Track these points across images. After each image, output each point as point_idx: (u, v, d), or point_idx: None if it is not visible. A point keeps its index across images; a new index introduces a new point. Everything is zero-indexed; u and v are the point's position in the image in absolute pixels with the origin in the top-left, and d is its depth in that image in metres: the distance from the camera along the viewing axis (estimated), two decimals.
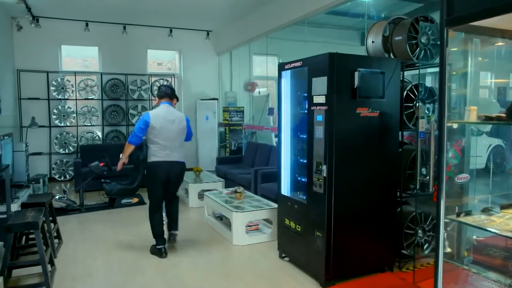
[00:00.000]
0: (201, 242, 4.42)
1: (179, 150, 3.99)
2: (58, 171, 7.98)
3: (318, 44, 9.11)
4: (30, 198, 4.09)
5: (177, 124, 3.97)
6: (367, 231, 3.32)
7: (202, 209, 5.50)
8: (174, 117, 3.97)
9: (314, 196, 3.23)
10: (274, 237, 4.35)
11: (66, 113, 7.98)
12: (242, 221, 4.23)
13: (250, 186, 5.91)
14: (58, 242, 4.21)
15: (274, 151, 6.53)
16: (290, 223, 3.60)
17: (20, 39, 7.72)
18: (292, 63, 3.50)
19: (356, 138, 3.19)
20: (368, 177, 3.28)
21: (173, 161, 3.92)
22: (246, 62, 9.50)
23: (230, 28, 8.68)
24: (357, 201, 3.25)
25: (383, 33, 3.69)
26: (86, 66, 8.65)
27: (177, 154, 3.96)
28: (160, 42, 8.86)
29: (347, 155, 3.16)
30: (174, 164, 3.94)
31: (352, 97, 3.13)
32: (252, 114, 9.09)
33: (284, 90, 3.71)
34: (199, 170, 6.37)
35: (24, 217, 3.15)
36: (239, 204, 4.58)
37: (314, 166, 3.22)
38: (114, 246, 4.27)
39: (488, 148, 7.55)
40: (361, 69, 3.10)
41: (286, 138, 3.75)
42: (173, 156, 3.92)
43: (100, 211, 5.67)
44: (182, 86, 9.04)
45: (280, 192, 3.79)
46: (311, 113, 3.23)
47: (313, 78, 3.19)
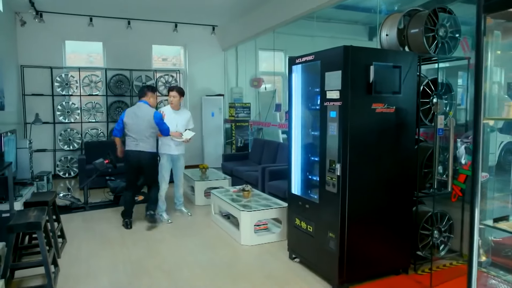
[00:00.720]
0: (208, 241, 4.30)
1: (146, 141, 4.65)
2: (63, 168, 7.90)
3: (326, 39, 8.92)
4: (33, 196, 3.99)
5: (145, 120, 4.64)
6: (381, 232, 3.18)
7: (208, 207, 5.39)
8: (143, 113, 4.67)
9: (327, 195, 3.10)
10: (283, 236, 4.24)
11: (70, 109, 7.89)
12: (250, 220, 4.11)
13: (257, 184, 5.79)
14: (62, 242, 4.11)
15: (281, 148, 6.40)
16: (301, 223, 3.48)
17: (24, 34, 7.62)
18: (304, 57, 3.36)
19: (371, 135, 3.05)
20: (383, 176, 3.15)
21: (140, 150, 4.63)
22: (252, 58, 9.36)
23: (236, 23, 8.53)
24: (371, 201, 3.11)
25: (398, 26, 3.54)
26: (90, 62, 8.54)
27: (144, 145, 4.65)
28: (165, 37, 8.73)
29: (362, 153, 3.02)
30: (142, 153, 4.64)
31: (367, 92, 2.99)
32: (259, 110, 8.95)
33: (294, 85, 3.57)
34: (205, 167, 6.25)
35: (27, 217, 3.04)
36: (247, 203, 4.45)
37: (327, 165, 3.08)
38: (118, 245, 4.17)
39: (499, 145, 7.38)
40: (376, 63, 2.96)
41: (296, 135, 3.61)
42: (140, 146, 4.64)
43: (105, 209, 5.57)
44: (187, 82, 8.91)
45: (291, 191, 3.66)
46: (324, 109, 3.09)
47: (327, 72, 3.05)
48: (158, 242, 4.25)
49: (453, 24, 3.41)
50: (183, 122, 5.07)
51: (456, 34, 3.44)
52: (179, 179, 5.27)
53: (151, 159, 4.74)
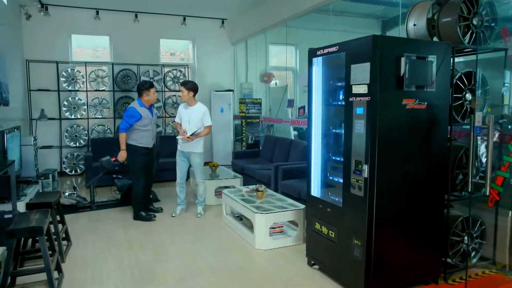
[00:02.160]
0: (220, 245, 4.08)
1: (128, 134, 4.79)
2: (69, 165, 7.72)
3: (337, 33, 8.63)
4: (36, 197, 3.79)
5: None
6: (410, 239, 2.93)
7: (219, 207, 5.17)
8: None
9: (352, 199, 2.85)
10: (299, 240, 4.01)
11: (76, 105, 7.69)
12: (265, 223, 3.87)
13: (269, 183, 5.54)
14: (66, 244, 3.91)
15: (294, 145, 6.15)
16: (322, 228, 3.23)
17: (29, 28, 7.42)
18: (326, 48, 3.10)
19: (400, 134, 2.79)
20: (413, 178, 2.89)
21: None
22: (262, 52, 9.09)
23: (246, 16, 8.27)
24: (400, 205, 2.85)
25: (427, 15, 3.27)
26: (97, 57, 8.33)
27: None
28: (173, 31, 8.49)
29: (391, 153, 2.76)
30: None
31: (397, 87, 2.72)
32: (269, 106, 8.69)
33: (315, 79, 3.31)
34: (215, 165, 6.02)
35: (28, 221, 2.83)
36: (261, 204, 4.22)
37: (352, 165, 2.83)
38: (126, 248, 3.95)
39: None
40: (408, 54, 2.69)
41: (317, 133, 3.36)
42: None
43: (112, 209, 5.36)
44: (195, 77, 8.67)
45: (310, 193, 3.41)
46: (349, 105, 2.84)
47: (352, 65, 2.79)
48: (167, 245, 4.03)
49: (489, 12, 3.12)
50: (196, 118, 4.82)
51: (492, 23, 3.16)
52: (195, 177, 5.11)
53: (128, 152, 4.79)
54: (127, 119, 4.71)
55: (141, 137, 4.79)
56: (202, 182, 5.04)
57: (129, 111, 4.75)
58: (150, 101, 4.86)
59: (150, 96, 4.82)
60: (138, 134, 4.77)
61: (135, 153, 4.77)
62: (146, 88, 4.80)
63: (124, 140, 4.75)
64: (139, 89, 4.84)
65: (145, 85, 4.85)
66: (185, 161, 4.96)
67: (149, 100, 4.84)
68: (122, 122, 4.76)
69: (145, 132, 4.80)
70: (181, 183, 5.03)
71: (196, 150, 4.88)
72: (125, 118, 4.72)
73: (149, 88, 4.82)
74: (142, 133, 4.78)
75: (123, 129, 4.72)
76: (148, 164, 4.93)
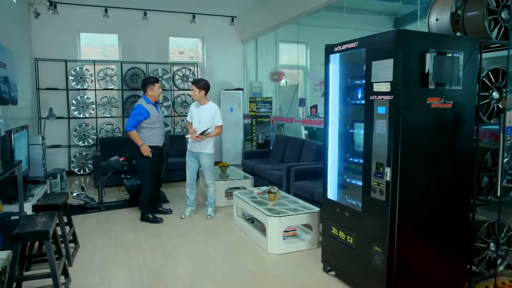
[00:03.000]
0: (231, 248, 3.94)
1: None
2: (77, 165, 7.65)
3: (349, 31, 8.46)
4: (43, 198, 3.69)
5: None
6: (434, 246, 2.77)
7: (230, 208, 5.04)
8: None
9: (372, 203, 2.70)
10: (314, 244, 3.86)
11: (85, 104, 7.62)
12: (279, 227, 3.73)
13: (281, 184, 5.40)
14: (74, 247, 3.81)
15: (306, 145, 5.99)
16: (339, 233, 3.08)
17: (38, 26, 7.37)
18: (344, 44, 2.94)
19: (425, 134, 2.63)
20: (438, 181, 2.72)
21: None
22: (272, 50, 8.95)
23: (256, 13, 8.12)
24: (424, 210, 2.69)
25: (450, 9, 3.10)
26: (105, 55, 8.25)
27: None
28: (182, 29, 8.39)
29: (415, 155, 2.60)
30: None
31: (422, 85, 2.56)
32: (280, 105, 8.54)
33: (332, 77, 3.16)
34: (225, 166, 5.89)
35: (34, 224, 2.72)
36: (274, 206, 4.07)
37: (372, 168, 2.67)
38: (135, 251, 3.84)
39: None
40: (433, 49, 2.53)
41: (333, 134, 3.21)
42: None
43: (120, 209, 5.26)
44: (205, 75, 8.55)
45: (326, 196, 3.26)
46: (370, 104, 2.68)
47: (373, 61, 2.63)
48: (177, 249, 3.91)
49: None
50: (207, 117, 4.69)
51: None
52: (205, 178, 4.98)
53: (136, 152, 4.66)
54: (135, 116, 4.58)
55: (151, 136, 4.66)
56: (212, 184, 4.91)
57: (136, 108, 4.64)
58: (155, 96, 4.74)
59: (154, 91, 4.70)
60: (147, 133, 4.65)
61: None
62: (150, 83, 4.69)
63: (137, 136, 4.59)
64: (144, 84, 4.75)
65: (149, 79, 4.75)
66: (194, 161, 4.83)
67: (154, 96, 4.72)
68: (129, 120, 4.62)
69: (154, 130, 4.68)
70: (191, 184, 4.91)
71: (205, 151, 4.75)
72: (133, 116, 4.59)
73: (154, 82, 4.71)
74: (151, 131, 4.65)
75: (131, 127, 4.58)
76: (157, 165, 4.81)
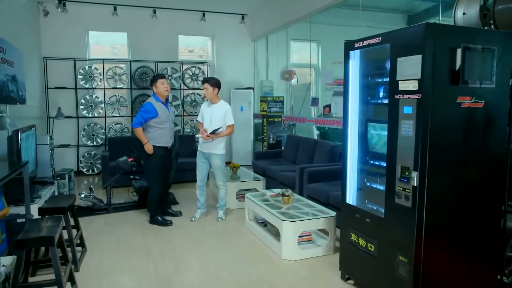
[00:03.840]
0: (244, 254, 3.78)
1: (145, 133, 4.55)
2: (86, 165, 7.57)
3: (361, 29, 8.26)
4: (49, 201, 3.57)
5: None
6: (463, 255, 2.58)
7: (241, 211, 4.90)
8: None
9: (397, 209, 2.52)
10: (330, 250, 3.69)
11: (94, 103, 7.53)
12: (294, 232, 3.56)
13: (294, 186, 5.24)
14: (81, 251, 3.69)
15: (320, 146, 5.81)
16: (359, 240, 2.91)
17: (47, 25, 7.29)
18: (366, 39, 2.77)
19: (454, 136, 2.45)
20: (468, 186, 2.53)
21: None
22: (283, 49, 8.77)
23: (267, 11, 7.96)
24: (453, 217, 2.51)
25: (480, 2, 2.90)
26: (114, 54, 8.15)
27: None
28: (192, 27, 8.25)
29: (443, 158, 2.42)
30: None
31: (452, 83, 2.38)
32: (291, 104, 8.36)
33: (351, 75, 2.99)
34: (236, 167, 5.74)
35: (39, 229, 2.60)
36: (288, 210, 3.91)
37: (397, 172, 2.50)
38: (143, 256, 3.70)
39: None
40: (465, 44, 2.34)
41: (353, 134, 3.04)
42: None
43: (129, 211, 5.14)
44: (215, 74, 8.40)
45: (345, 200, 3.09)
46: (394, 103, 2.50)
47: (399, 57, 2.45)
48: (187, 254, 3.77)
49: None
50: (218, 116, 4.55)
51: None
52: (215, 180, 4.84)
53: (145, 152, 4.52)
54: (143, 113, 4.45)
55: (159, 136, 4.53)
56: (223, 186, 4.76)
57: (145, 106, 4.51)
58: (161, 93, 4.58)
59: (158, 88, 4.56)
60: (156, 133, 4.51)
61: (153, 153, 4.51)
62: (155, 80, 4.62)
63: (142, 134, 4.46)
64: (150, 82, 4.74)
65: (154, 76, 4.70)
66: (205, 162, 4.69)
67: (159, 93, 4.58)
68: (136, 117, 4.49)
69: (163, 130, 4.54)
70: (201, 186, 4.76)
71: (216, 151, 4.60)
72: (141, 113, 4.47)
73: (157, 79, 4.60)
74: (159, 131, 4.52)
75: (137, 124, 4.44)
76: (165, 166, 4.67)
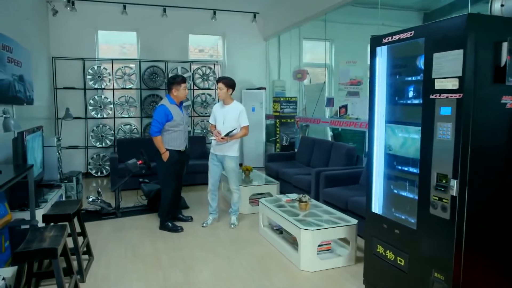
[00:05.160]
0: (259, 264, 3.56)
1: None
2: (95, 166, 7.42)
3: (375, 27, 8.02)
4: (54, 207, 3.39)
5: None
6: (507, 272, 2.33)
7: (254, 216, 4.69)
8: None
9: (432, 221, 2.28)
10: (351, 261, 3.46)
11: (103, 104, 7.37)
12: (313, 241, 3.33)
13: (309, 190, 5.01)
14: (88, 259, 3.50)
15: (336, 148, 5.57)
16: (387, 252, 2.67)
17: (56, 24, 7.16)
18: (395, 34, 2.53)
19: (498, 140, 2.20)
20: (510, 195, 2.29)
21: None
22: (295, 48, 8.54)
23: (279, 9, 7.75)
24: (496, 230, 2.26)
25: None
26: (123, 53, 8.00)
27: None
28: (202, 26, 8.07)
29: (486, 165, 2.18)
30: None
31: (496, 80, 2.13)
32: (304, 105, 8.12)
33: (378, 73, 2.75)
34: (248, 169, 5.53)
35: (41, 239, 2.41)
36: (306, 217, 3.68)
37: (432, 179, 2.26)
38: (153, 265, 3.50)
39: None
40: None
41: (379, 137, 2.80)
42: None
43: (138, 216, 4.95)
44: (225, 74, 8.20)
45: (370, 209, 2.85)
46: (429, 104, 2.27)
47: (435, 53, 2.21)
48: (198, 263, 3.56)
49: None
50: (232, 117, 4.34)
51: None
52: (228, 183, 4.64)
53: (155, 156, 4.35)
54: (159, 119, 4.20)
55: (173, 139, 4.33)
56: (237, 190, 4.55)
57: (160, 110, 4.24)
58: (180, 97, 4.37)
59: (179, 92, 4.33)
60: (169, 136, 4.31)
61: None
62: (177, 82, 4.31)
63: (161, 143, 4.23)
64: (169, 83, 4.37)
65: (176, 79, 4.35)
66: (218, 165, 4.48)
67: (179, 97, 4.36)
68: (154, 125, 4.21)
69: (176, 133, 4.34)
70: (213, 190, 4.56)
71: (230, 154, 4.39)
72: (156, 119, 4.20)
73: (180, 82, 4.32)
74: (173, 134, 4.32)
75: (156, 132, 4.19)
76: (179, 169, 4.48)
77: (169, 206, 4.42)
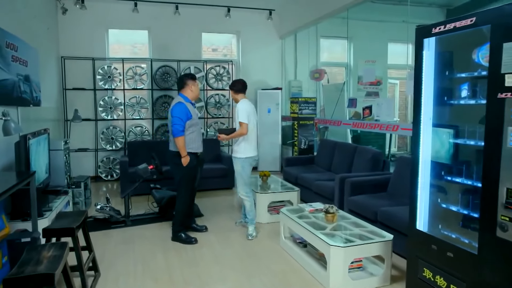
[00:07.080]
0: (282, 282, 3.19)
1: (172, 140, 4.01)
2: (105, 170, 7.14)
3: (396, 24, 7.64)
4: (57, 219, 3.08)
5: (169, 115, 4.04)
6: None
7: (274, 226, 4.33)
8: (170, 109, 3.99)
9: (501, 246, 1.90)
10: (386, 281, 3.08)
11: (113, 105, 7.10)
12: (344, 258, 2.96)
13: (332, 198, 4.64)
14: (94, 275, 3.19)
15: (359, 152, 5.18)
16: (436, 278, 2.29)
17: (65, 23, 6.91)
18: (449, 22, 2.16)
19: None
20: None
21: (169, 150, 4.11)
22: (313, 47, 8.17)
23: (296, 6, 7.39)
24: None
25: None
26: (135, 53, 7.72)
27: (170, 144, 4.07)
28: (216, 24, 7.75)
29: None
30: (168, 153, 4.11)
31: None
32: (322, 106, 7.74)
33: (425, 69, 2.38)
34: (266, 175, 5.17)
35: (37, 261, 2.09)
36: (334, 231, 3.31)
37: (500, 196, 1.88)
38: (165, 282, 3.17)
39: None
40: None
41: (425, 143, 2.43)
42: (170, 146, 4.10)
43: (149, 225, 4.63)
44: (240, 73, 7.88)
45: (414, 226, 2.48)
46: (497, 104, 1.89)
47: (506, 43, 1.84)
48: (215, 280, 3.22)
49: None
50: (236, 116, 4.16)
51: None
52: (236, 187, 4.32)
53: (171, 159, 4.03)
54: (181, 117, 3.86)
55: (191, 141, 4.00)
56: (245, 196, 4.18)
57: (181, 108, 3.91)
58: (196, 95, 4.14)
59: (196, 88, 4.12)
60: (188, 138, 3.96)
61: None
62: (191, 79, 4.08)
63: (183, 145, 3.87)
64: (182, 81, 4.09)
65: (188, 75, 4.15)
66: None
67: (195, 94, 4.11)
68: (177, 123, 3.84)
69: (193, 134, 4.01)
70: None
71: (234, 155, 4.15)
72: (179, 117, 3.85)
73: (195, 79, 4.14)
74: (190, 135, 3.98)
75: (181, 131, 3.84)
76: (196, 174, 4.17)
77: (184, 212, 4.10)
